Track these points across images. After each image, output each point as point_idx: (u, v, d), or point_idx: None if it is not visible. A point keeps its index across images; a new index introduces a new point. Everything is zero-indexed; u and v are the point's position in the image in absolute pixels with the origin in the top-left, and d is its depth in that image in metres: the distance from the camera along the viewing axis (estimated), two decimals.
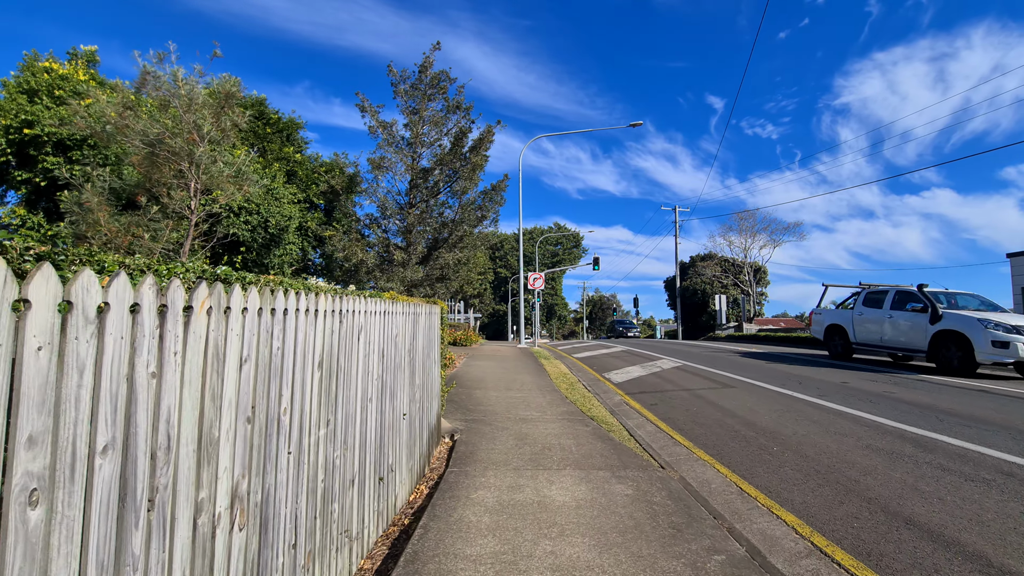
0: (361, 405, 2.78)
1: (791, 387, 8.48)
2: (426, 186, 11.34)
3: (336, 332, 2.43)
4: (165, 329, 1.25)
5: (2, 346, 0.84)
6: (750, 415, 6.59)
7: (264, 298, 1.77)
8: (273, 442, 1.83)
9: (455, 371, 10.32)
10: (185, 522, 1.34)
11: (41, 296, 0.91)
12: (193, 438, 1.37)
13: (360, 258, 10.28)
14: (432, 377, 4.85)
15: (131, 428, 1.14)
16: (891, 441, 5.22)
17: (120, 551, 1.10)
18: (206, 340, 1.42)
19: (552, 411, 6.78)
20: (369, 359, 2.91)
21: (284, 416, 1.91)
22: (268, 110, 23.07)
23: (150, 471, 1.20)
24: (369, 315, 2.91)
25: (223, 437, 1.51)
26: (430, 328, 4.74)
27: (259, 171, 16.08)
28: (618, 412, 6.95)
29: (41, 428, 0.90)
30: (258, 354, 1.71)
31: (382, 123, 11.72)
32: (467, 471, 4.25)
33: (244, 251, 14.43)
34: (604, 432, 5.74)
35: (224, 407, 1.52)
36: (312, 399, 2.17)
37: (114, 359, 1.08)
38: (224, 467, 1.52)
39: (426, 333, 4.54)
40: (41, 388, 0.90)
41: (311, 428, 2.17)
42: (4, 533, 0.84)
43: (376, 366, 3.05)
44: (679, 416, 6.71)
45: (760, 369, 10.92)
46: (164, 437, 1.25)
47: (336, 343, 2.43)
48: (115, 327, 1.08)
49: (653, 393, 8.43)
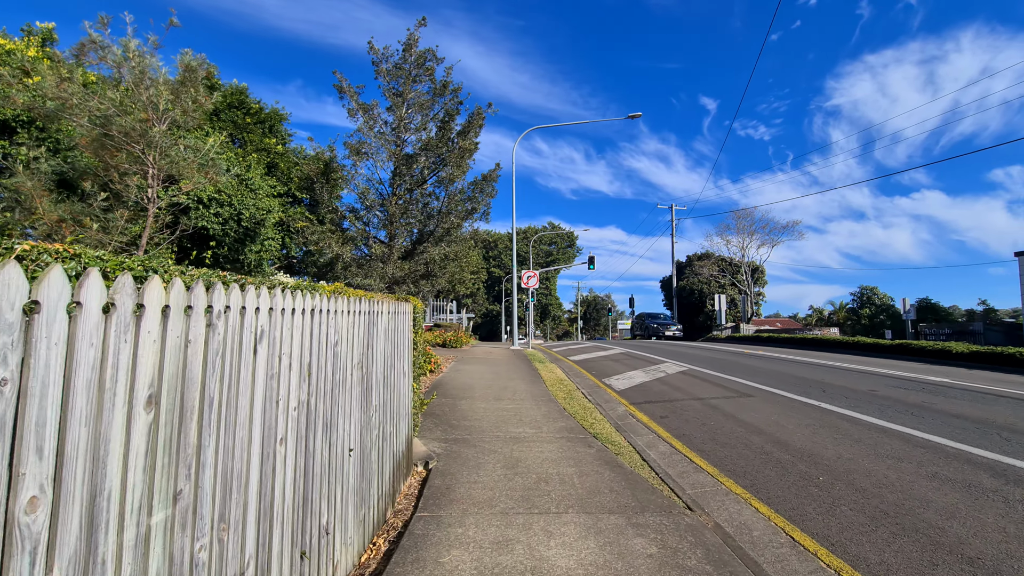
0: (261, 452, 1.82)
1: (815, 396, 7.59)
2: (410, 175, 10.33)
3: (199, 343, 1.46)
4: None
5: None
6: (778, 431, 5.67)
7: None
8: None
9: (440, 377, 9.34)
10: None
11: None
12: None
13: (336, 252, 9.27)
14: (400, 393, 3.88)
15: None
16: (961, 469, 4.32)
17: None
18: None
19: (549, 427, 5.83)
20: (278, 381, 1.95)
21: (33, 514, 0.94)
22: (249, 99, 21.96)
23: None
24: (279, 315, 1.94)
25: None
26: (397, 332, 3.77)
27: (232, 159, 15.02)
28: (624, 427, 6.01)
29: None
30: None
31: (362, 105, 10.71)
32: (440, 517, 3.29)
33: (215, 246, 13.37)
34: (611, 455, 4.80)
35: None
36: (134, 462, 1.20)
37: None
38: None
39: (390, 338, 3.57)
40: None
41: (134, 513, 1.20)
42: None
43: (294, 389, 2.08)
44: (695, 432, 5.78)
45: (773, 374, 10.04)
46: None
47: (200, 361, 1.47)
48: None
49: (661, 403, 7.50)
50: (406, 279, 9.91)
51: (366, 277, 9.32)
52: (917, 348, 13.75)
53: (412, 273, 10.09)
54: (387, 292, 10.35)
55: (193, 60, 10.47)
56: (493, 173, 11.73)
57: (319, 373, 2.34)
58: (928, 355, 13.24)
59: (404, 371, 4.01)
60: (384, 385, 3.41)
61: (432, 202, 10.83)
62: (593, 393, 8.36)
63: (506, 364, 12.05)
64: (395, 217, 9.84)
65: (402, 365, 3.93)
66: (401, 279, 9.90)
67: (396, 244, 10.18)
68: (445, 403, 6.95)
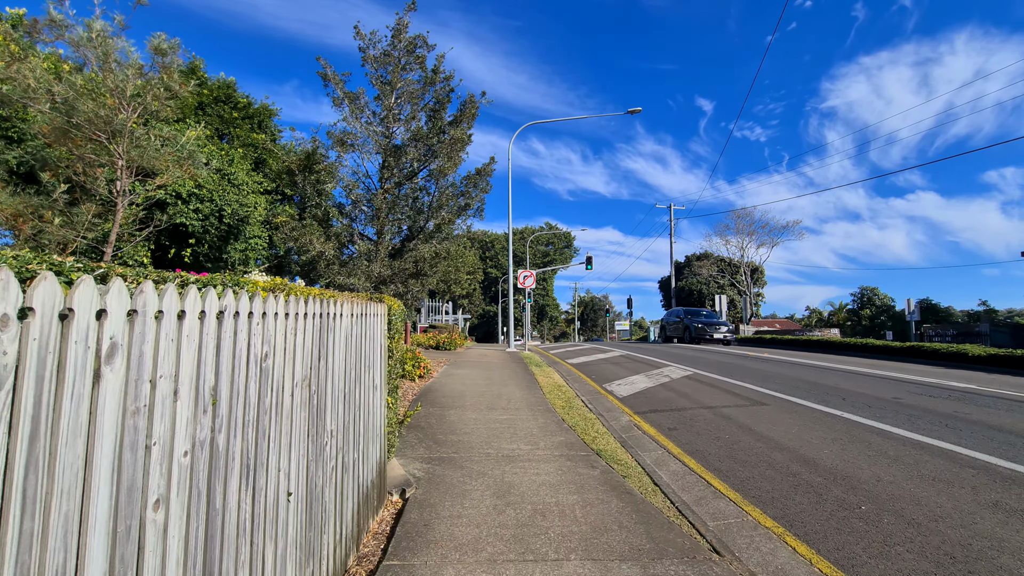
0: (111, 529, 1.20)
1: (834, 404, 7.00)
2: (399, 167, 9.70)
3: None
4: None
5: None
6: (803, 447, 5.07)
7: None
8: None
9: (430, 383, 8.72)
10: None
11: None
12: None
13: (318, 249, 8.62)
14: (370, 411, 3.26)
15: None
16: (1023, 496, 3.73)
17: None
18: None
19: (546, 442, 5.21)
20: (150, 417, 1.33)
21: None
22: (237, 94, 21.34)
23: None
24: (151, 321, 1.32)
25: None
26: (365, 339, 3.15)
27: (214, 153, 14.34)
28: (630, 441, 5.40)
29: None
30: None
31: (348, 94, 10.07)
32: (413, 567, 2.67)
33: (194, 243, 12.68)
34: (617, 478, 4.19)
35: None
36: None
37: None
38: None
39: (355, 347, 2.95)
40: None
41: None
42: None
43: (184, 426, 1.46)
44: (709, 447, 5.18)
45: (784, 380, 9.45)
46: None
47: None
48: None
49: (668, 412, 6.90)
50: (394, 278, 9.27)
51: (350, 276, 8.67)
52: (930, 351, 13.21)
53: (401, 272, 9.45)
54: (374, 292, 9.72)
55: (165, 43, 9.81)
56: (487, 167, 11.12)
57: (235, 399, 1.72)
58: (942, 358, 12.69)
59: (375, 385, 3.38)
60: (346, 404, 2.79)
61: (423, 196, 10.20)
62: (594, 401, 7.76)
63: (501, 368, 11.43)
64: (382, 212, 9.19)
65: (372, 378, 3.31)
66: (389, 278, 9.26)
67: (384, 241, 9.54)
68: (432, 414, 6.33)
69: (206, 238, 12.88)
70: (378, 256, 9.22)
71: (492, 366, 11.83)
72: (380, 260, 9.21)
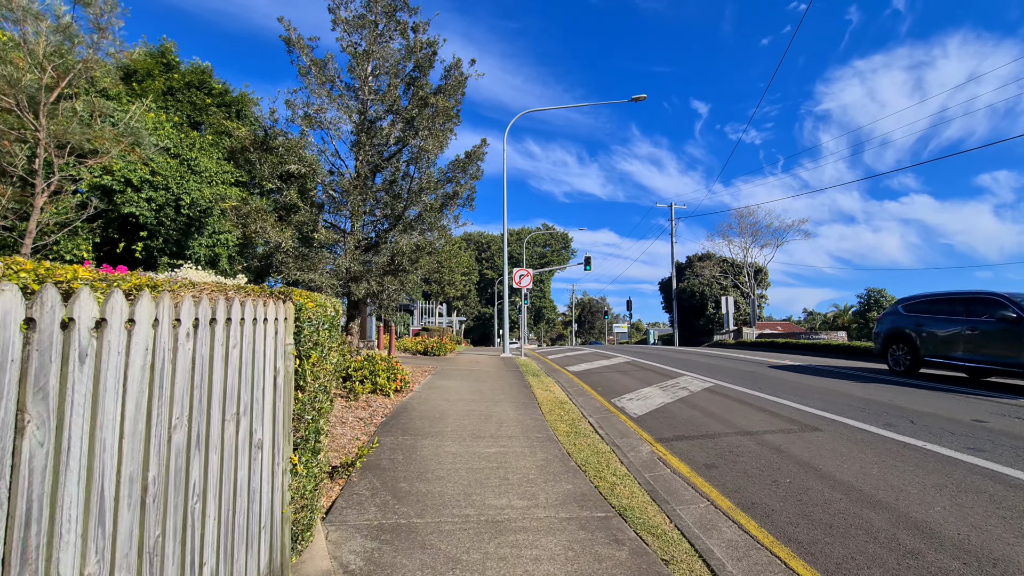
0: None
1: (905, 430, 5.63)
2: (373, 147, 8.29)
3: None
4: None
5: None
6: (900, 500, 3.69)
7: None
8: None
9: (407, 399, 7.31)
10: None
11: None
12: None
13: (274, 239, 7.19)
14: (244, 489, 1.85)
15: None
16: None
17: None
18: None
19: (548, 493, 3.81)
20: None
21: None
22: (212, 80, 19.88)
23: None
24: None
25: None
26: (234, 361, 1.75)
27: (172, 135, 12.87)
28: (661, 490, 4.01)
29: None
30: None
31: (316, 61, 8.69)
32: None
33: (146, 236, 11.20)
34: (655, 562, 2.80)
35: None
36: None
37: None
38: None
39: (201, 379, 1.55)
40: None
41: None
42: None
43: None
44: (770, 499, 3.80)
45: (825, 395, 8.08)
46: None
47: None
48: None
49: (698, 440, 5.52)
50: (366, 275, 7.84)
51: (309, 271, 7.24)
52: None
53: (374, 267, 8.02)
54: (343, 290, 8.28)
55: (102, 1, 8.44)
56: (478, 150, 9.72)
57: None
58: None
59: (258, 441, 1.97)
60: (156, 490, 1.39)
61: (403, 182, 8.77)
62: (604, 423, 6.37)
63: (493, 378, 10.02)
64: (350, 194, 7.75)
65: (249, 430, 1.90)
66: (360, 275, 7.83)
67: (354, 231, 8.10)
68: (400, 445, 4.91)
69: (160, 231, 11.41)
70: (346, 248, 7.77)
71: (483, 376, 10.42)
72: (349, 253, 7.77)
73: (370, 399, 6.97)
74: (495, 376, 10.47)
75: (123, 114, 9.90)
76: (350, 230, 8.30)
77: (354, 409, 6.32)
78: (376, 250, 8.50)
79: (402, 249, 8.02)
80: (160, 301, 1.41)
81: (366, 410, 6.39)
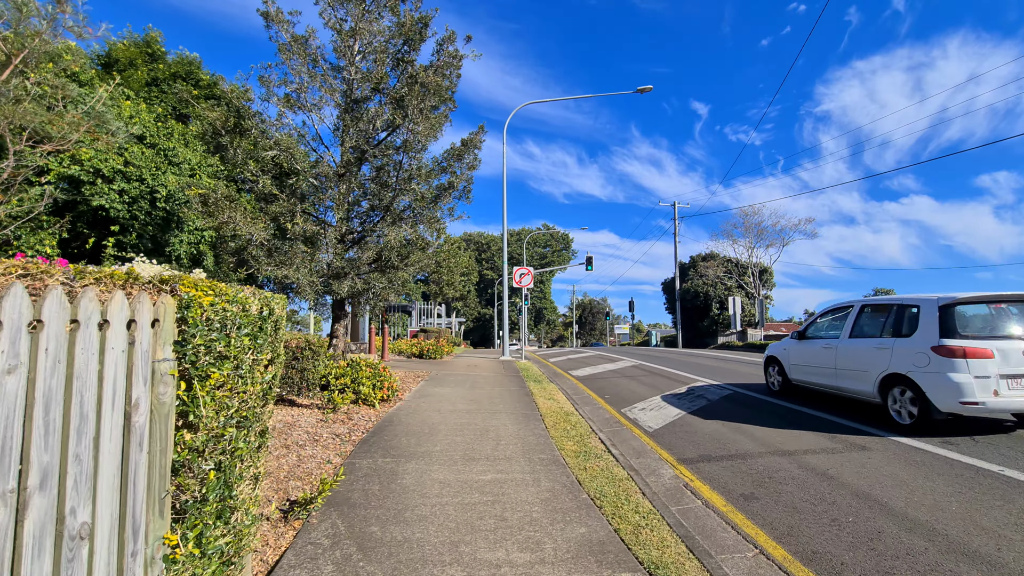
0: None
1: (966, 449, 4.85)
2: (359, 129, 7.52)
3: None
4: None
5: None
6: (994, 546, 2.91)
7: None
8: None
9: (394, 410, 6.52)
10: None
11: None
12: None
13: (244, 232, 6.41)
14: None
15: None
16: None
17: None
18: None
19: (555, 542, 3.03)
20: None
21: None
22: (200, 72, 19.08)
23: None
24: None
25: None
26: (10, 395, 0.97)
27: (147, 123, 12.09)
28: (695, 531, 3.23)
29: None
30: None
31: (297, 38, 7.94)
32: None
33: (118, 231, 10.43)
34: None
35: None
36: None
37: None
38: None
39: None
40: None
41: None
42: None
43: None
44: (835, 547, 3.02)
45: (858, 403, 7.30)
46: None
47: None
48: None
49: (727, 460, 4.74)
50: (348, 271, 7.05)
51: (283, 266, 6.46)
52: None
53: (362, 263, 7.23)
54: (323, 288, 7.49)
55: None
56: (475, 137, 8.95)
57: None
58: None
59: (88, 528, 1.20)
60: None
61: (390, 168, 7.98)
62: (615, 438, 5.59)
63: (491, 385, 9.24)
64: (333, 183, 6.96)
65: (69, 511, 1.12)
66: (342, 271, 7.05)
67: (336, 222, 7.31)
68: (379, 470, 4.13)
69: (135, 226, 10.63)
70: (326, 241, 6.99)
71: (481, 382, 9.63)
72: (330, 246, 6.98)
73: (351, 411, 6.19)
74: (494, 382, 9.69)
75: (90, 95, 9.13)
76: (333, 222, 7.52)
77: (331, 424, 5.54)
78: (362, 245, 7.71)
79: (391, 243, 7.23)
80: None
81: (345, 424, 5.60)
